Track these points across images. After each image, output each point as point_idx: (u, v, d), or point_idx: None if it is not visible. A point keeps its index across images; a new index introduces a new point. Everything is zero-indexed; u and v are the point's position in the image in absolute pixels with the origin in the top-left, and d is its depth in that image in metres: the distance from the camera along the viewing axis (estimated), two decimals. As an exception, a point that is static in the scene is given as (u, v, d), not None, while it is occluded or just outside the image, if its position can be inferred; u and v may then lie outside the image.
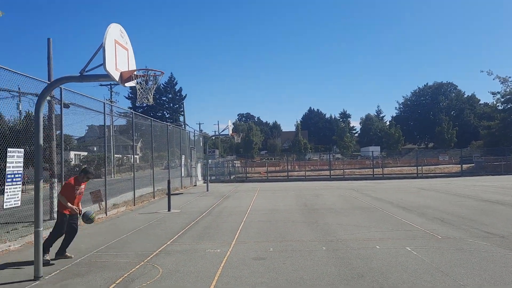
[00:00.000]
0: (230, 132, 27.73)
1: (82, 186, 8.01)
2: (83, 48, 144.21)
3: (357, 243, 8.42)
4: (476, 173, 35.63)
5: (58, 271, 6.85)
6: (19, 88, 11.17)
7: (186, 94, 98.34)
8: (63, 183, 8.18)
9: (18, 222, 11.44)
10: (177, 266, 6.96)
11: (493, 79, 61.00)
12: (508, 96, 51.90)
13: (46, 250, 7.38)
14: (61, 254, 7.81)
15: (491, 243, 8.17)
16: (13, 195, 8.56)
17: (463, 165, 37.41)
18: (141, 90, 6.59)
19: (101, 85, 49.80)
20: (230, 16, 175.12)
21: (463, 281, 5.72)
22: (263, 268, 6.71)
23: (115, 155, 43.48)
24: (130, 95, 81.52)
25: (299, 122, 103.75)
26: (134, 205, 16.49)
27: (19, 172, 8.67)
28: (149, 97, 6.69)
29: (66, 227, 7.77)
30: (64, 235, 7.84)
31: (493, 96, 55.46)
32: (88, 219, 7.90)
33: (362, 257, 7.22)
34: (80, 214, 7.90)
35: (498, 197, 16.95)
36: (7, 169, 8.31)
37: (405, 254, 7.35)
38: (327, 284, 5.80)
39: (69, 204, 7.67)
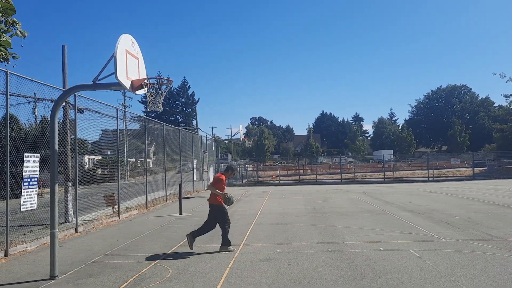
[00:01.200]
0: (242, 136, 28.09)
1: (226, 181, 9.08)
2: (97, 55, 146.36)
3: (362, 245, 8.60)
4: (489, 177, 35.32)
5: (72, 271, 7.17)
6: (34, 94, 11.59)
7: (199, 98, 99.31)
8: (216, 178, 9.01)
9: (34, 225, 11.86)
10: (186, 267, 7.23)
11: (506, 82, 60.41)
12: (521, 99, 51.37)
13: (228, 243, 8.52)
14: (226, 244, 8.58)
15: (494, 246, 8.28)
16: (30, 199, 8.93)
17: (476, 168, 37.10)
18: (151, 97, 6.89)
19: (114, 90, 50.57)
20: (243, 20, 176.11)
21: (461, 283, 5.87)
22: (269, 269, 6.94)
23: (129, 159, 44.10)
24: (144, 99, 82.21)
25: (311, 125, 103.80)
26: (147, 209, 16.84)
27: (35, 176, 9.05)
28: (159, 104, 6.99)
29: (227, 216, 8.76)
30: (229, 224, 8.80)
31: (506, 99, 54.89)
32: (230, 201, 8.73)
33: (366, 259, 7.40)
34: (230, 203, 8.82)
35: (507, 200, 16.91)
36: (23, 174, 8.69)
37: (408, 256, 7.52)
38: (329, 284, 6.01)
39: (219, 192, 8.64)
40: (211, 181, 29.47)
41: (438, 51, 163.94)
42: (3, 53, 4.80)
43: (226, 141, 54.73)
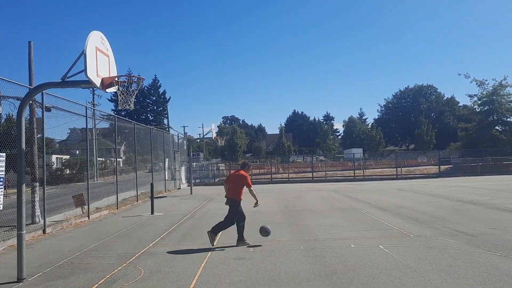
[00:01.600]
0: (214, 135, 27.95)
1: None
2: (64, 52, 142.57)
3: (333, 242, 8.75)
4: (454, 174, 36.52)
5: (41, 273, 6.99)
6: (-1, 91, 11.22)
7: (170, 97, 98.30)
8: (242, 175, 9.45)
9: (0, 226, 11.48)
10: (159, 267, 7.17)
11: (470, 82, 62.49)
12: (485, 99, 53.18)
13: (243, 238, 8.93)
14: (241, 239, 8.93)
15: (460, 241, 8.58)
16: (-5, 199, 8.64)
17: (442, 166, 38.26)
18: (123, 96, 6.80)
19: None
20: (213, 18, 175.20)
21: (428, 276, 6.07)
22: (242, 267, 6.97)
23: (98, 159, 43.23)
24: (113, 97, 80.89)
25: (283, 124, 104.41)
26: (117, 209, 16.57)
27: (1, 176, 8.76)
28: (130, 103, 6.90)
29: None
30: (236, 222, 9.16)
31: (470, 99, 56.81)
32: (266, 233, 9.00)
33: (337, 255, 7.54)
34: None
35: (471, 197, 17.53)
36: (-11, 173, 8.41)
37: (377, 252, 7.70)
38: (302, 280, 6.09)
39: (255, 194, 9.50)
40: (183, 180, 28.94)
41: (406, 52, 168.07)
42: None
43: (198, 140, 54.34)
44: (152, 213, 14.70)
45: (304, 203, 16.93)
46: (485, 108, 53.95)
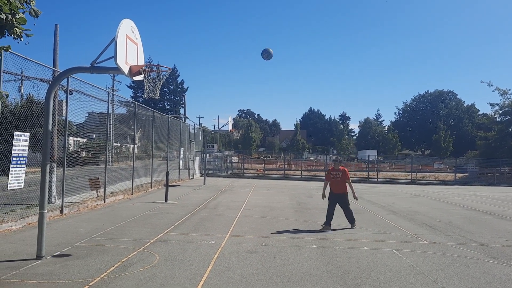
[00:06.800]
0: (230, 128, 28.03)
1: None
2: (85, 36, 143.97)
3: (346, 243, 8.76)
4: (469, 183, 36.04)
5: (59, 252, 7.16)
6: (22, 71, 11.40)
7: (187, 87, 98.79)
8: (346, 171, 10.90)
9: (16, 204, 11.71)
10: (173, 254, 7.28)
11: (493, 91, 61.47)
12: (506, 109, 52.20)
13: (353, 221, 10.76)
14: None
15: (474, 250, 8.52)
16: (17, 177, 8.86)
17: (457, 174, 37.83)
18: (149, 84, 6.88)
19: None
20: (236, 11, 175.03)
21: (442, 284, 6.05)
22: (255, 260, 7.04)
23: (114, 144, 43.72)
24: (132, 84, 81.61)
25: (298, 121, 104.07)
26: (132, 194, 16.80)
27: (24, 155, 8.97)
28: (155, 91, 6.99)
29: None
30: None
31: (492, 108, 55.91)
32: None
33: (350, 256, 7.56)
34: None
35: (487, 207, 17.32)
36: (12, 152, 8.61)
37: (391, 256, 7.69)
38: (315, 279, 6.13)
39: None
40: (196, 170, 29.22)
41: (428, 55, 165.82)
42: (17, 30, 4.75)
43: (213, 132, 54.62)
44: (166, 201, 14.87)
45: (316, 201, 16.91)
46: (506, 118, 52.98)
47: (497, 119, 55.25)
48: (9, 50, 5.23)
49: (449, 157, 63.15)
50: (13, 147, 8.61)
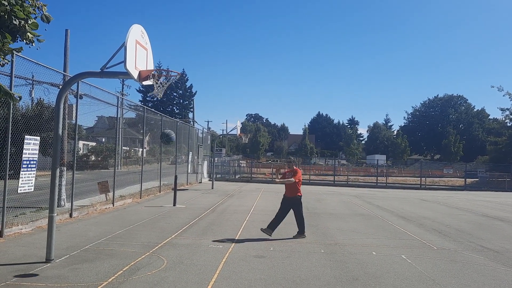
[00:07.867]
0: (238, 132, 28.07)
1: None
2: (94, 41, 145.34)
3: (354, 248, 8.71)
4: (480, 188, 35.67)
5: (68, 255, 7.21)
6: (32, 76, 11.52)
7: (196, 91, 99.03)
8: (297, 171, 10.02)
9: (26, 207, 11.82)
10: (181, 258, 7.29)
11: (503, 95, 60.86)
12: (517, 113, 51.75)
13: (303, 231, 9.81)
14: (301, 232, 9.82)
15: (484, 257, 8.42)
16: (28, 181, 8.97)
17: (467, 179, 37.44)
18: (158, 88, 6.94)
19: (113, 77, 50.35)
20: (245, 16, 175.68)
21: (452, 290, 6.00)
22: (262, 265, 7.02)
23: (123, 148, 43.99)
24: (141, 88, 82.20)
25: (307, 126, 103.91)
26: (140, 198, 16.87)
27: (34, 159, 9.07)
28: (161, 93, 7.05)
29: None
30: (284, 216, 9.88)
31: (502, 112, 55.27)
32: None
33: (358, 262, 7.51)
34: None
35: (498, 213, 17.12)
36: (23, 156, 8.72)
37: (399, 262, 7.63)
38: (323, 284, 6.10)
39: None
40: (204, 175, 29.31)
41: (437, 59, 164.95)
42: (29, 36, 4.82)
43: (221, 136, 54.70)
44: (174, 205, 14.91)
45: (325, 206, 16.87)
46: (517, 123, 52.46)
47: (508, 124, 54.69)
48: (20, 54, 5.31)
49: (459, 162, 62.59)
50: (24, 151, 8.72)
